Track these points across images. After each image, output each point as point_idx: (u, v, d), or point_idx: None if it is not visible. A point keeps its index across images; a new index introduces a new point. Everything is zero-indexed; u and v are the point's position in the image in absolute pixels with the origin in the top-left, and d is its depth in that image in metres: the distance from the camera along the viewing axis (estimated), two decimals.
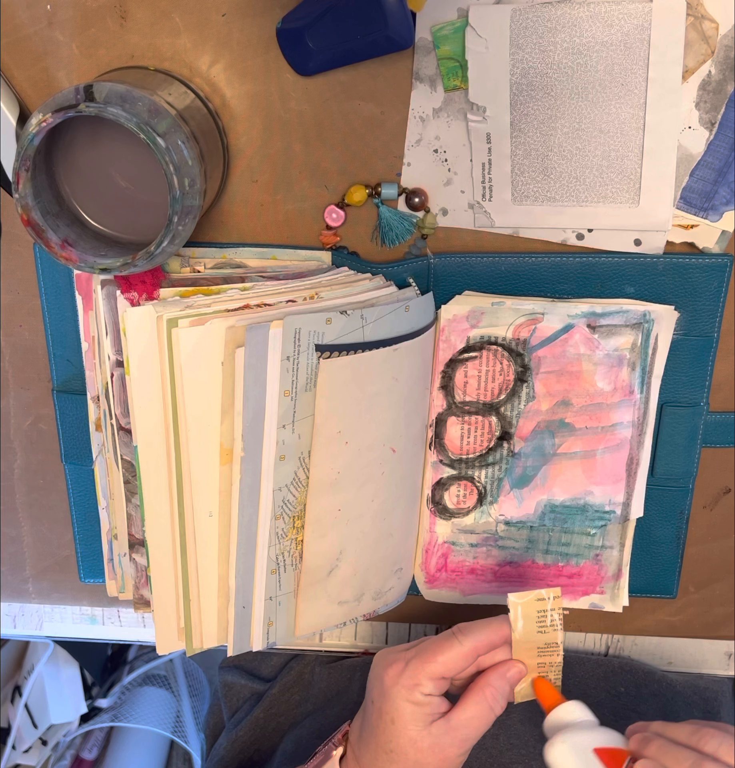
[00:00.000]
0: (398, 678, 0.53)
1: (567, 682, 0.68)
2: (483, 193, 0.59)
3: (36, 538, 0.72)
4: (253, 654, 0.85)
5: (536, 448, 0.64)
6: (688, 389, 0.64)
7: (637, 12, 0.53)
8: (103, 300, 0.57)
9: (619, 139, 0.56)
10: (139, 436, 0.57)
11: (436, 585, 0.69)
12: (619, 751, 0.50)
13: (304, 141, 0.58)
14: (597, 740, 0.51)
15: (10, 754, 1.23)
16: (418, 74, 0.56)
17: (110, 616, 0.76)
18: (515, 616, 0.54)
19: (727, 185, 0.57)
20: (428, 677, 0.52)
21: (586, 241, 0.60)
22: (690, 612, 0.71)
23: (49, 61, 0.57)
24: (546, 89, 0.55)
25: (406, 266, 0.60)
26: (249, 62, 0.56)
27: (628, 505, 0.66)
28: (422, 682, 0.52)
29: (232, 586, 0.60)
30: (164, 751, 1.30)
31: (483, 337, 0.61)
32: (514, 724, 0.65)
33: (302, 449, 0.58)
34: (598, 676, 0.70)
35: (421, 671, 0.52)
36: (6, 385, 0.66)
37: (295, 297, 0.57)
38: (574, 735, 0.51)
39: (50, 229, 0.51)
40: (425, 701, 0.52)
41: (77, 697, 1.22)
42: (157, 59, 0.57)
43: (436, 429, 0.64)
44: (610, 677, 0.70)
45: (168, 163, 0.48)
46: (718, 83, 0.55)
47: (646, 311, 0.60)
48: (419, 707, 0.52)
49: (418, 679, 0.52)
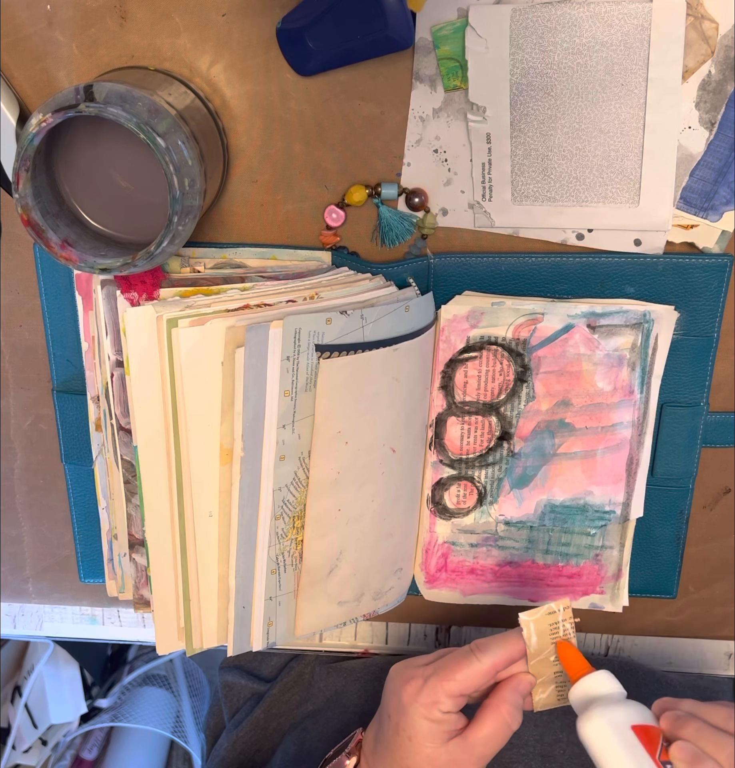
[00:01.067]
0: (417, 695, 0.52)
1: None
2: (483, 193, 0.59)
3: (36, 538, 0.72)
4: (254, 654, 0.85)
5: (536, 448, 0.64)
6: (688, 389, 0.64)
7: (637, 12, 0.53)
8: (103, 300, 0.57)
9: (619, 139, 0.56)
10: (139, 436, 0.57)
11: (436, 585, 0.69)
12: (653, 729, 0.48)
13: (304, 141, 0.58)
14: (634, 716, 0.48)
15: (10, 754, 1.23)
16: (418, 74, 0.56)
17: (110, 616, 0.76)
18: (528, 634, 0.53)
19: (727, 185, 0.57)
20: (447, 695, 0.52)
21: (586, 241, 0.60)
22: (690, 612, 0.71)
23: (49, 61, 0.57)
24: (546, 89, 0.55)
25: (406, 266, 0.60)
26: (249, 62, 0.56)
27: (628, 505, 0.66)
28: (441, 700, 0.52)
29: (232, 586, 0.60)
30: (164, 751, 1.30)
31: (483, 337, 0.61)
32: None
33: (302, 449, 0.58)
34: None
35: (440, 689, 0.52)
36: (6, 385, 0.66)
37: (295, 297, 0.57)
38: (611, 710, 0.49)
39: (50, 229, 0.51)
40: (443, 719, 0.52)
41: (77, 697, 1.22)
42: (157, 59, 0.57)
43: (436, 429, 0.64)
44: None
45: (168, 163, 0.48)
46: (718, 83, 0.55)
47: (646, 311, 0.60)
48: (437, 725, 0.52)
49: (436, 696, 0.52)
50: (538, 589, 0.69)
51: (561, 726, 0.66)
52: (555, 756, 0.64)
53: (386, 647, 0.75)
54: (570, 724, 0.64)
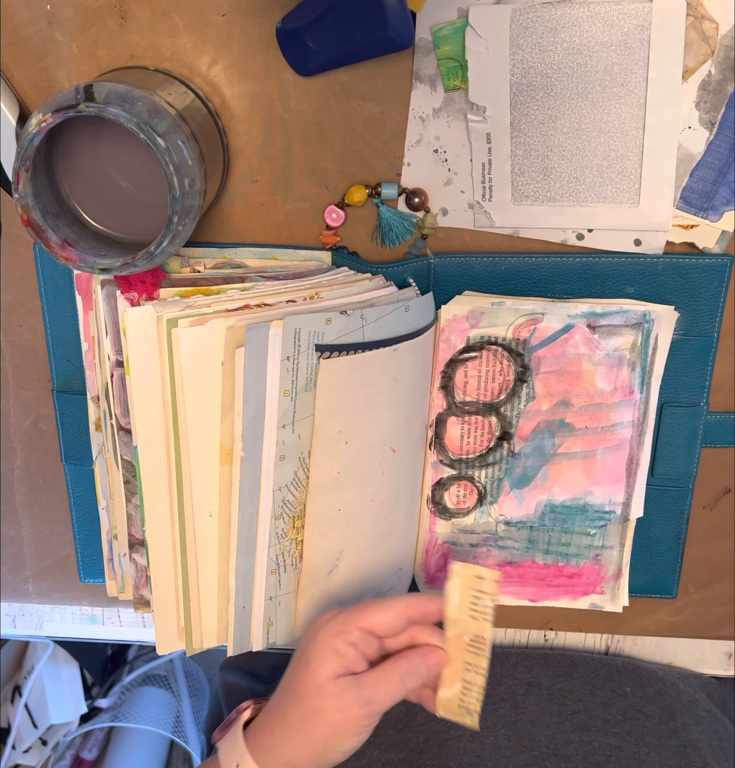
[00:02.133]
0: (327, 623, 0.53)
1: (573, 682, 0.69)
2: (483, 193, 0.59)
3: (36, 538, 0.72)
4: (254, 655, 0.84)
5: (536, 448, 0.64)
6: (688, 389, 0.64)
7: (637, 12, 0.53)
8: (103, 300, 0.57)
9: (619, 139, 0.56)
10: (139, 436, 0.57)
11: (436, 585, 0.69)
12: None
13: (304, 141, 0.58)
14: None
15: (10, 754, 1.23)
16: (418, 74, 0.56)
17: (110, 616, 0.76)
18: (454, 586, 0.53)
19: (727, 185, 0.57)
20: (356, 626, 0.52)
21: (586, 241, 0.60)
22: (690, 612, 0.71)
23: (49, 61, 0.57)
24: (546, 89, 0.55)
25: (406, 266, 0.60)
26: (249, 62, 0.56)
27: (628, 505, 0.66)
28: (348, 630, 0.52)
29: (232, 586, 0.60)
30: (164, 751, 1.30)
31: (483, 337, 0.61)
32: (524, 725, 0.65)
33: (302, 449, 0.58)
34: (603, 675, 0.70)
35: (351, 620, 0.53)
36: (6, 385, 0.66)
37: (295, 297, 0.57)
38: None
39: (50, 229, 0.51)
40: (345, 652, 0.52)
41: (77, 697, 1.22)
42: (157, 59, 0.57)
43: (436, 429, 0.64)
44: (615, 677, 0.70)
45: (168, 163, 0.48)
46: (718, 83, 0.55)
47: (646, 311, 0.60)
48: (337, 656, 0.52)
49: (345, 626, 0.52)
50: (538, 589, 0.69)
51: (572, 726, 0.66)
52: (569, 756, 0.64)
53: None
54: (581, 724, 0.64)
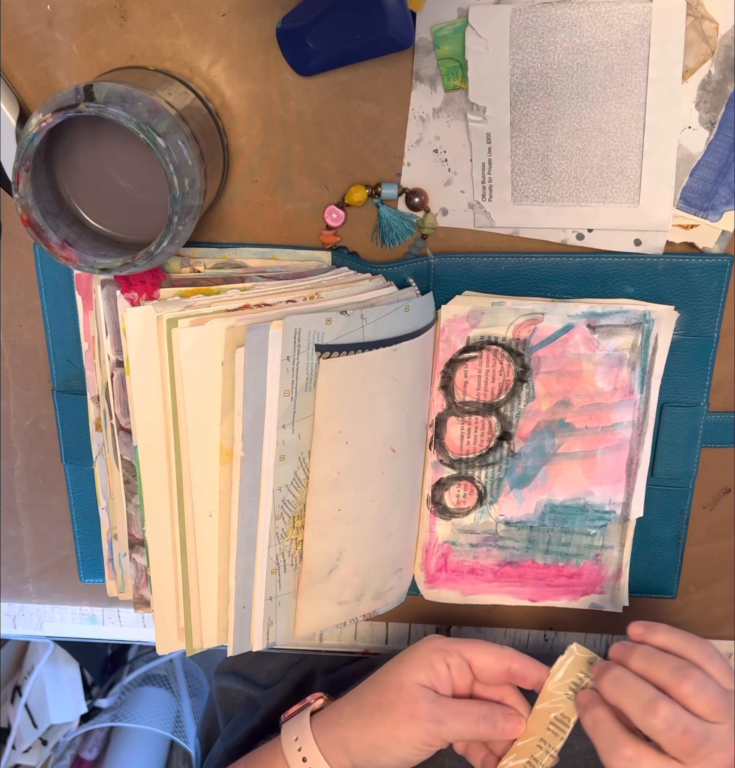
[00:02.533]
0: (433, 640, 0.57)
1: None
2: (483, 193, 0.59)
3: (36, 538, 0.72)
4: (250, 660, 0.85)
5: (536, 448, 0.64)
6: (688, 389, 0.64)
7: (637, 12, 0.53)
8: (103, 300, 0.57)
9: (619, 139, 0.56)
10: (139, 436, 0.57)
11: (436, 585, 0.69)
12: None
13: (304, 141, 0.58)
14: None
15: (10, 754, 1.23)
16: (418, 74, 0.56)
17: (110, 616, 0.76)
18: (561, 664, 0.55)
19: (727, 185, 0.57)
20: (458, 652, 0.56)
21: (586, 241, 0.60)
22: (690, 612, 0.71)
23: (49, 61, 0.57)
24: (546, 89, 0.55)
25: (406, 266, 0.60)
26: (249, 62, 0.56)
27: (628, 505, 0.66)
28: (450, 651, 0.56)
29: (232, 586, 0.60)
30: (164, 751, 1.30)
31: (483, 337, 0.61)
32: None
33: (302, 449, 0.58)
34: None
35: (456, 645, 0.56)
36: (6, 385, 0.66)
37: (295, 297, 0.57)
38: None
39: (50, 229, 0.51)
40: (439, 668, 0.55)
41: (77, 697, 1.22)
42: (157, 59, 0.57)
43: (436, 429, 0.64)
44: None
45: (168, 163, 0.48)
46: (718, 83, 0.55)
47: (646, 311, 0.60)
48: (430, 668, 0.55)
49: (449, 647, 0.56)
50: (538, 589, 0.69)
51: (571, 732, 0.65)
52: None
53: (386, 647, 0.75)
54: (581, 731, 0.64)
